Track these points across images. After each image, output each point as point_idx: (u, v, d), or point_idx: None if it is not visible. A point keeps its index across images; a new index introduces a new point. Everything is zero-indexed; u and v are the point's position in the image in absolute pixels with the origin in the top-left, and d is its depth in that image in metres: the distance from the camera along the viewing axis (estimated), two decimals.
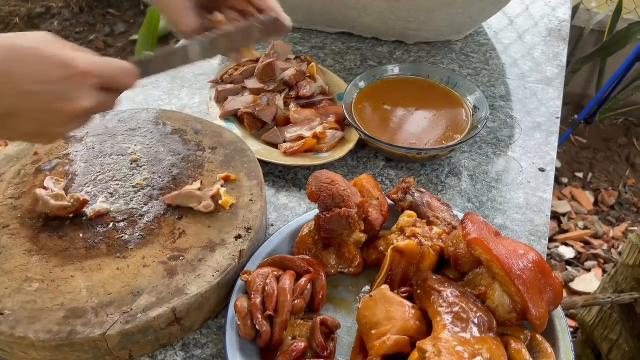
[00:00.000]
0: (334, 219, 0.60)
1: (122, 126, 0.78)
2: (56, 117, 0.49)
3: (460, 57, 1.04)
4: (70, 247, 0.61)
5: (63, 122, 0.50)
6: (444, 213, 0.65)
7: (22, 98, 0.47)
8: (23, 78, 0.47)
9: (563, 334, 0.55)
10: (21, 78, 0.47)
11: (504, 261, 0.52)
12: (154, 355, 0.58)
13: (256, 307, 0.55)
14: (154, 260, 0.60)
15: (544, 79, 0.98)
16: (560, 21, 1.16)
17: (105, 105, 0.53)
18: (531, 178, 0.78)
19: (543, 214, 0.73)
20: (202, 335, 0.60)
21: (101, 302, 0.56)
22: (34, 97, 0.47)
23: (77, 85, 0.49)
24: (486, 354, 0.48)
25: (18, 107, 0.47)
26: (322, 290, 0.60)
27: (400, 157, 0.79)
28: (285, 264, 0.61)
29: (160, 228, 0.64)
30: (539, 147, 0.83)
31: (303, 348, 0.54)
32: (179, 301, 0.56)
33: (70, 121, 0.50)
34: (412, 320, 0.53)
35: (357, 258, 0.62)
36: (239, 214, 0.65)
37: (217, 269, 0.59)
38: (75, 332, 0.53)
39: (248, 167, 0.71)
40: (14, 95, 0.47)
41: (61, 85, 0.48)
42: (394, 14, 0.97)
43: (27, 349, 0.54)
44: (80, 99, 0.49)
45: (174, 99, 0.93)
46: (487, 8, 0.98)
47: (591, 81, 2.40)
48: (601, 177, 2.20)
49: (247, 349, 0.55)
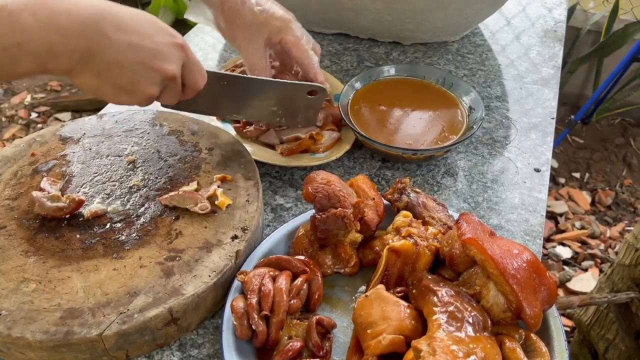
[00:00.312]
0: (330, 219, 0.60)
1: (119, 127, 0.78)
2: (151, 74, 0.57)
3: (457, 57, 1.04)
4: (67, 248, 0.62)
5: (154, 81, 0.58)
6: (440, 213, 0.66)
7: (133, 49, 0.55)
8: (142, 33, 0.56)
9: (557, 333, 0.55)
10: (141, 33, 0.56)
11: (498, 261, 0.53)
12: (150, 355, 0.58)
13: (252, 307, 0.55)
14: (150, 260, 0.60)
15: (540, 80, 0.98)
16: (556, 22, 1.16)
17: (172, 89, 0.62)
18: (527, 178, 0.78)
19: (538, 214, 0.73)
20: (198, 335, 0.60)
21: (98, 303, 0.56)
22: (142, 50, 0.56)
23: (174, 51, 0.59)
24: (480, 353, 0.48)
25: (126, 58, 0.55)
26: (318, 290, 0.60)
27: (396, 158, 0.79)
28: (282, 264, 0.61)
29: (157, 229, 0.64)
30: (535, 147, 0.84)
31: (299, 348, 0.54)
32: (175, 301, 0.56)
33: (159, 82, 0.59)
34: (407, 320, 0.53)
35: (353, 258, 0.63)
36: (235, 215, 0.65)
37: (213, 269, 0.59)
38: (72, 333, 0.53)
39: (244, 167, 0.72)
40: (131, 46, 0.55)
41: (164, 47, 0.57)
42: (390, 15, 0.97)
43: (24, 349, 0.54)
44: (173, 62, 0.58)
45: None
46: (482, 9, 0.98)
47: (588, 81, 2.41)
48: (598, 177, 2.21)
49: (243, 349, 0.56)
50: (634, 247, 1.17)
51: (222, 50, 1.07)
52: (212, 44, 1.08)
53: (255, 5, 0.76)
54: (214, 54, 1.06)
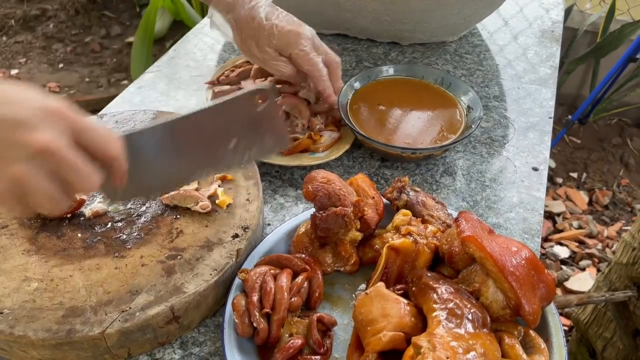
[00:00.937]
0: (330, 217, 0.61)
1: (119, 127, 0.79)
2: (13, 149, 0.42)
3: (455, 57, 1.05)
4: (69, 247, 0.62)
5: (17, 156, 0.42)
6: (439, 211, 0.66)
7: None
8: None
9: (556, 329, 0.56)
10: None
11: (497, 258, 0.53)
12: (152, 353, 0.58)
13: (253, 304, 0.56)
14: (151, 259, 0.61)
15: (537, 80, 0.99)
16: (553, 22, 1.17)
17: (78, 167, 0.44)
18: (525, 177, 0.79)
19: (536, 212, 0.74)
20: (200, 333, 0.60)
21: (100, 301, 0.56)
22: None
23: (48, 118, 0.43)
24: (480, 349, 0.48)
25: None
26: (319, 288, 0.61)
27: (395, 157, 0.80)
28: (282, 262, 0.61)
29: (158, 228, 0.65)
30: (532, 146, 0.84)
31: (300, 345, 0.54)
32: (176, 299, 0.57)
33: (26, 157, 0.42)
34: (407, 317, 0.54)
35: (353, 256, 0.63)
36: (235, 214, 0.66)
37: (214, 267, 0.60)
38: (74, 331, 0.53)
39: (244, 167, 0.72)
40: None
41: (30, 114, 0.43)
42: (389, 16, 0.98)
43: (27, 347, 0.54)
44: (44, 131, 0.42)
45: (171, 100, 0.94)
46: (480, 9, 0.99)
47: (585, 82, 2.42)
48: (595, 177, 2.22)
49: (244, 347, 0.56)
50: (631, 246, 1.18)
51: (222, 51, 1.07)
52: (211, 45, 1.09)
53: (264, 19, 0.76)
54: (212, 54, 1.06)
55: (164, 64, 1.03)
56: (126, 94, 0.95)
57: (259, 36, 0.77)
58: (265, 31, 0.76)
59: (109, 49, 2.75)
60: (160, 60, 1.04)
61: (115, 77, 2.58)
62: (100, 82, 2.56)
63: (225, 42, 1.10)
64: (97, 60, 2.69)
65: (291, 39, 0.76)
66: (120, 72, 2.61)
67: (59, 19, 2.90)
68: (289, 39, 0.76)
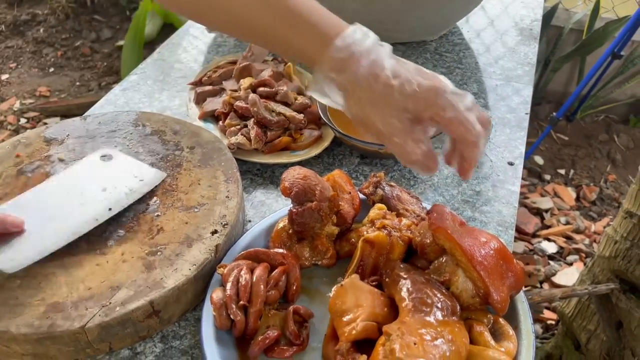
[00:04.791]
0: (306, 212, 0.62)
1: (103, 128, 0.80)
2: None
3: (435, 56, 1.06)
4: None
5: None
6: (413, 205, 0.68)
7: None
8: None
9: (524, 317, 0.57)
10: None
11: (466, 248, 0.55)
12: (133, 347, 0.60)
13: (231, 298, 0.57)
14: (132, 255, 0.62)
15: (515, 76, 1.01)
16: (531, 20, 1.19)
17: None
18: (500, 171, 0.81)
19: (511, 206, 0.75)
20: (180, 327, 0.62)
21: (81, 297, 0.58)
22: None
23: None
24: (448, 336, 0.50)
25: None
26: (296, 281, 0.62)
27: (373, 154, 0.82)
28: (260, 257, 0.63)
29: (139, 225, 0.66)
30: (509, 141, 0.86)
31: (276, 336, 0.56)
32: (156, 294, 0.58)
33: None
34: (380, 307, 0.55)
35: (330, 250, 0.65)
36: (215, 211, 0.67)
37: (193, 262, 0.61)
38: (56, 326, 0.55)
39: (225, 165, 0.73)
40: None
41: None
42: (369, 15, 0.99)
43: (9, 342, 0.55)
44: None
45: (155, 101, 0.95)
46: (458, 9, 1.01)
47: (572, 79, 2.44)
48: (583, 173, 2.24)
49: (223, 339, 0.57)
50: (614, 239, 1.20)
51: (206, 53, 1.09)
52: (196, 46, 1.10)
53: (391, 77, 0.54)
54: (197, 56, 1.08)
55: (148, 66, 1.04)
56: (111, 96, 0.96)
57: (387, 101, 0.55)
58: (396, 92, 0.54)
59: (100, 52, 2.76)
60: (144, 62, 1.06)
61: (106, 80, 2.59)
62: (91, 85, 2.57)
63: (209, 44, 1.11)
64: (88, 64, 2.70)
65: (431, 98, 0.54)
66: (111, 75, 2.62)
67: (49, 23, 2.91)
68: (429, 97, 0.54)
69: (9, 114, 2.41)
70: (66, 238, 0.63)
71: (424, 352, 0.48)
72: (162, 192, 0.70)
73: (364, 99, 0.56)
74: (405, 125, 0.55)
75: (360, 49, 0.55)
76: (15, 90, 2.54)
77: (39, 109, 2.42)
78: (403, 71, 0.55)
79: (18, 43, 2.82)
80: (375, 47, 0.56)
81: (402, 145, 0.56)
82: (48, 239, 0.63)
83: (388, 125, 0.56)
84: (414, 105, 0.55)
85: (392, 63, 0.56)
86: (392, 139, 0.56)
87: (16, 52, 2.76)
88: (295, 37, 0.57)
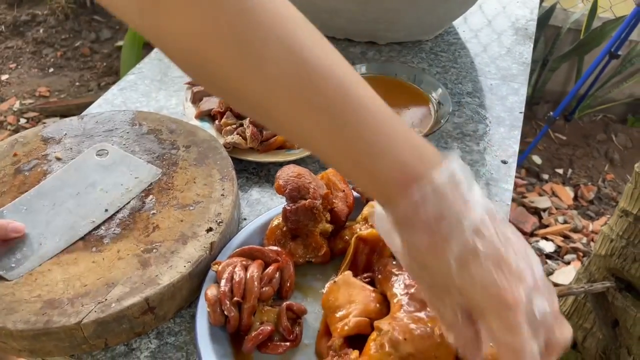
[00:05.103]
0: (300, 210, 0.63)
1: (100, 127, 0.81)
2: None
3: (430, 56, 1.07)
4: None
5: None
6: None
7: None
8: None
9: None
10: None
11: None
12: (129, 343, 0.60)
13: (225, 294, 0.58)
14: (128, 253, 0.63)
15: (509, 76, 1.02)
16: (527, 20, 1.20)
17: None
18: (494, 170, 0.81)
19: (504, 203, 0.76)
20: (175, 323, 0.63)
21: (77, 293, 0.58)
22: None
23: None
24: (438, 331, 0.51)
25: None
26: (290, 278, 0.63)
27: None
28: (254, 254, 0.64)
29: (135, 223, 0.67)
30: (502, 140, 0.87)
31: (269, 331, 0.57)
32: (151, 291, 0.59)
33: None
34: (372, 303, 0.56)
35: (324, 247, 0.65)
36: (210, 208, 0.68)
37: (188, 259, 0.62)
38: (52, 322, 0.55)
39: (220, 163, 0.74)
40: None
41: None
42: (364, 16, 1.00)
43: (6, 338, 0.56)
44: None
45: (152, 101, 0.96)
46: (453, 8, 1.01)
47: (570, 79, 2.45)
48: (581, 173, 2.25)
49: (217, 335, 0.58)
50: (609, 237, 1.20)
51: None
52: None
53: (456, 265, 0.39)
54: None
55: (146, 65, 1.05)
56: (108, 96, 0.97)
57: (447, 285, 0.41)
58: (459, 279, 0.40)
59: (99, 53, 2.77)
60: (142, 62, 1.06)
61: (106, 80, 2.60)
62: (91, 85, 2.58)
63: None
64: (87, 65, 2.71)
65: (494, 307, 0.39)
66: (110, 75, 2.63)
67: (49, 24, 2.91)
68: (492, 305, 0.39)
69: (9, 114, 2.41)
70: (65, 241, 0.64)
71: (414, 347, 0.48)
72: (157, 190, 0.71)
73: (426, 268, 0.42)
74: (456, 317, 0.42)
75: (447, 207, 0.39)
76: (15, 90, 2.55)
77: (39, 109, 2.43)
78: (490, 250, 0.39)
79: (18, 43, 2.83)
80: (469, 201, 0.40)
81: (445, 328, 0.45)
82: (47, 243, 0.64)
83: (436, 308, 0.45)
84: (472, 303, 0.40)
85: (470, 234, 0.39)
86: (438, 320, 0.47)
87: (16, 53, 2.77)
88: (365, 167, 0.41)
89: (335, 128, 0.40)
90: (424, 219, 0.40)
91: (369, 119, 0.40)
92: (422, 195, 0.39)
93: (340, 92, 0.40)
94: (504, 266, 0.39)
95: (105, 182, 0.71)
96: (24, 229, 0.64)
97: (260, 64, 0.39)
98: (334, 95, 0.39)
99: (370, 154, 0.40)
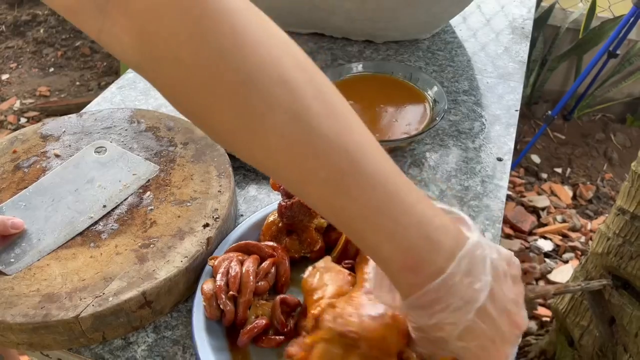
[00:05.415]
0: (295, 205, 0.64)
1: (98, 125, 0.82)
2: None
3: (427, 54, 1.08)
4: None
5: None
6: None
7: None
8: None
9: None
10: None
11: None
12: (126, 337, 0.61)
13: (221, 288, 0.59)
14: (125, 248, 0.64)
15: (505, 74, 1.02)
16: (524, 19, 1.20)
17: None
18: (489, 167, 0.82)
19: (499, 200, 0.77)
20: (172, 318, 0.63)
21: (75, 288, 0.59)
22: None
23: None
24: (391, 316, 0.51)
25: None
26: (286, 273, 0.64)
27: None
28: (250, 249, 0.64)
29: (133, 219, 0.67)
30: (498, 137, 0.87)
31: (264, 325, 0.57)
32: (148, 285, 0.59)
33: None
34: (345, 286, 0.56)
35: (319, 242, 0.66)
36: (207, 204, 0.69)
37: (185, 254, 0.63)
38: (50, 315, 0.56)
39: (217, 160, 0.75)
40: None
41: None
42: (361, 14, 1.01)
43: (5, 331, 0.57)
44: None
45: (150, 99, 0.96)
46: (449, 8, 1.02)
47: (569, 79, 2.46)
48: (579, 172, 2.25)
49: (213, 329, 0.59)
50: (606, 236, 1.21)
51: None
52: None
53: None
54: None
55: None
56: (107, 94, 0.98)
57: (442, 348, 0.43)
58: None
59: (99, 52, 2.78)
60: None
61: (106, 80, 2.61)
62: (91, 85, 2.58)
63: None
64: (88, 64, 2.71)
65: None
66: (111, 75, 2.63)
67: (50, 23, 2.93)
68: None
69: (9, 113, 2.42)
70: (63, 237, 0.65)
71: (360, 327, 0.47)
72: (155, 186, 0.72)
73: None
74: None
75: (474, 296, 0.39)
76: (16, 90, 2.56)
77: (39, 109, 2.44)
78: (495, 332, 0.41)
79: (18, 43, 2.84)
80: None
81: None
82: (46, 239, 0.65)
83: (424, 349, 0.46)
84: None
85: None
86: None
87: (16, 52, 2.78)
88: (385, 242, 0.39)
89: (338, 202, 0.38)
90: (431, 308, 0.40)
91: (375, 196, 0.38)
92: (434, 289, 0.38)
93: (345, 165, 0.37)
94: (497, 341, 0.41)
95: (104, 178, 0.72)
96: (23, 225, 0.65)
97: (264, 136, 0.37)
98: (339, 168, 0.37)
99: (375, 233, 0.39)
